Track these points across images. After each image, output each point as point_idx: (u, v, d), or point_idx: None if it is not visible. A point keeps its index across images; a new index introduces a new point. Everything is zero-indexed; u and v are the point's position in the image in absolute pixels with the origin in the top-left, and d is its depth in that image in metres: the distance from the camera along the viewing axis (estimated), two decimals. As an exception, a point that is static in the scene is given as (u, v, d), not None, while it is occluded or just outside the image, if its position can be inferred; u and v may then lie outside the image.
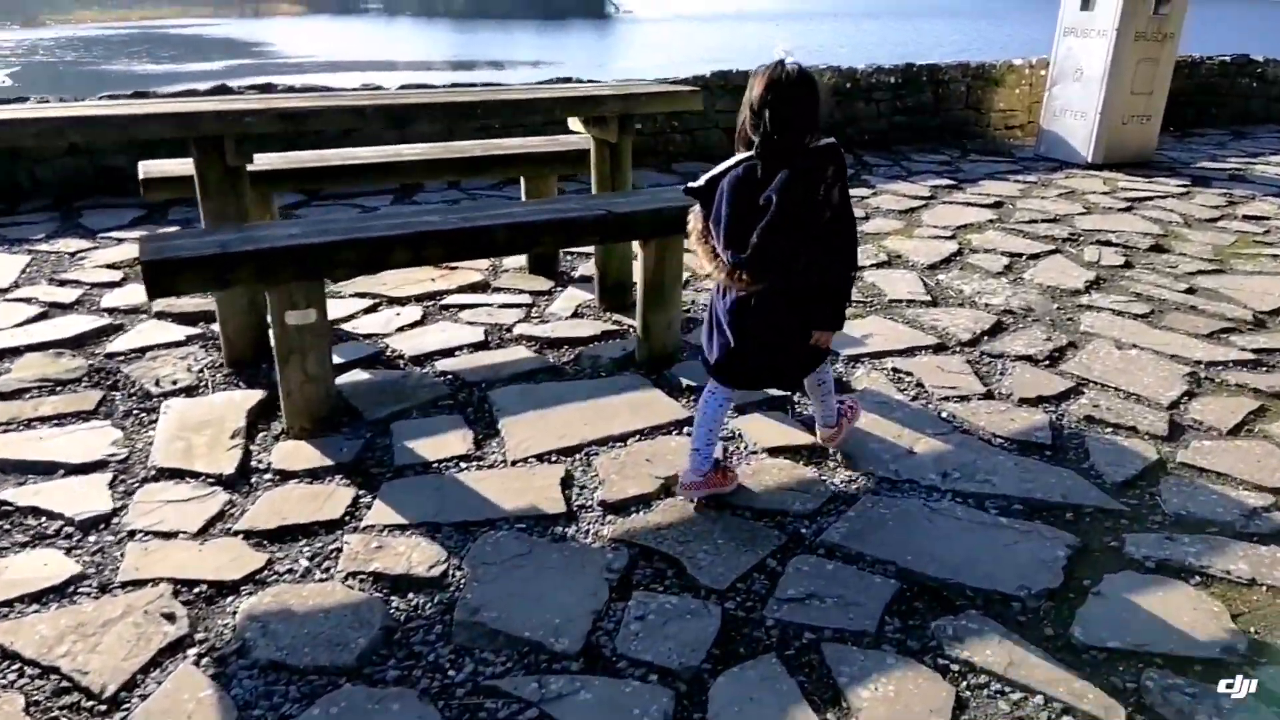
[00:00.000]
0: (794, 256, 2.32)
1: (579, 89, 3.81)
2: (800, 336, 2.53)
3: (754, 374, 2.63)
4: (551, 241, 3.22)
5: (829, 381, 2.88)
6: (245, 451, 2.92)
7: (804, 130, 2.29)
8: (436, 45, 50.05)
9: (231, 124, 3.08)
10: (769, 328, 2.47)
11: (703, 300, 4.32)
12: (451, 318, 4.08)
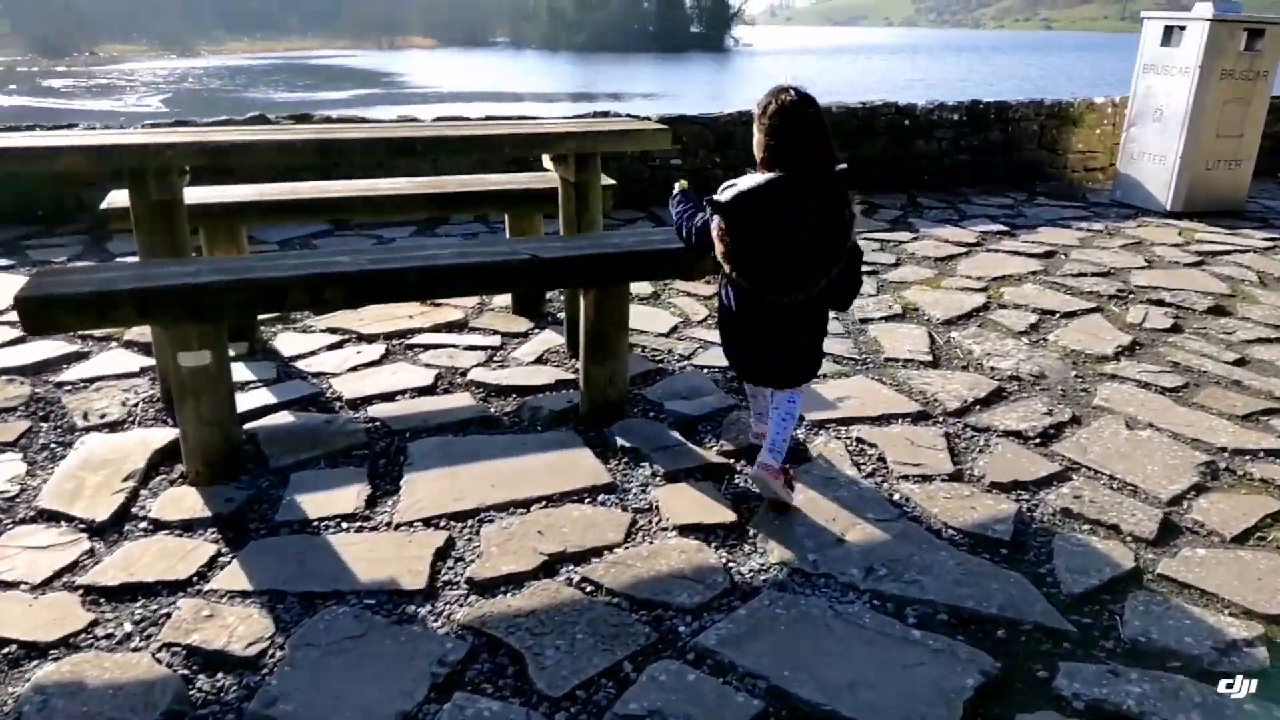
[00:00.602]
0: (826, 274, 2.50)
1: (535, 125, 3.61)
2: (810, 342, 2.72)
3: (767, 375, 2.76)
4: (469, 288, 3.01)
5: (796, 410, 2.83)
6: (131, 496, 2.81)
7: (831, 151, 2.47)
8: (558, 78, 51.24)
9: (152, 157, 3.01)
10: (780, 333, 2.64)
11: (681, 349, 4.04)
12: (411, 358, 3.92)
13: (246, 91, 40.86)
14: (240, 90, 41.50)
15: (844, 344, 4.15)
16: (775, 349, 2.67)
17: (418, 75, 51.52)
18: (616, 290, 3.19)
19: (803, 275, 2.48)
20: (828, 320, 2.76)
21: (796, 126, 2.44)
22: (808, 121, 2.45)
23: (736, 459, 3.09)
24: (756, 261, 2.48)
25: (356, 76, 49.56)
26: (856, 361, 3.95)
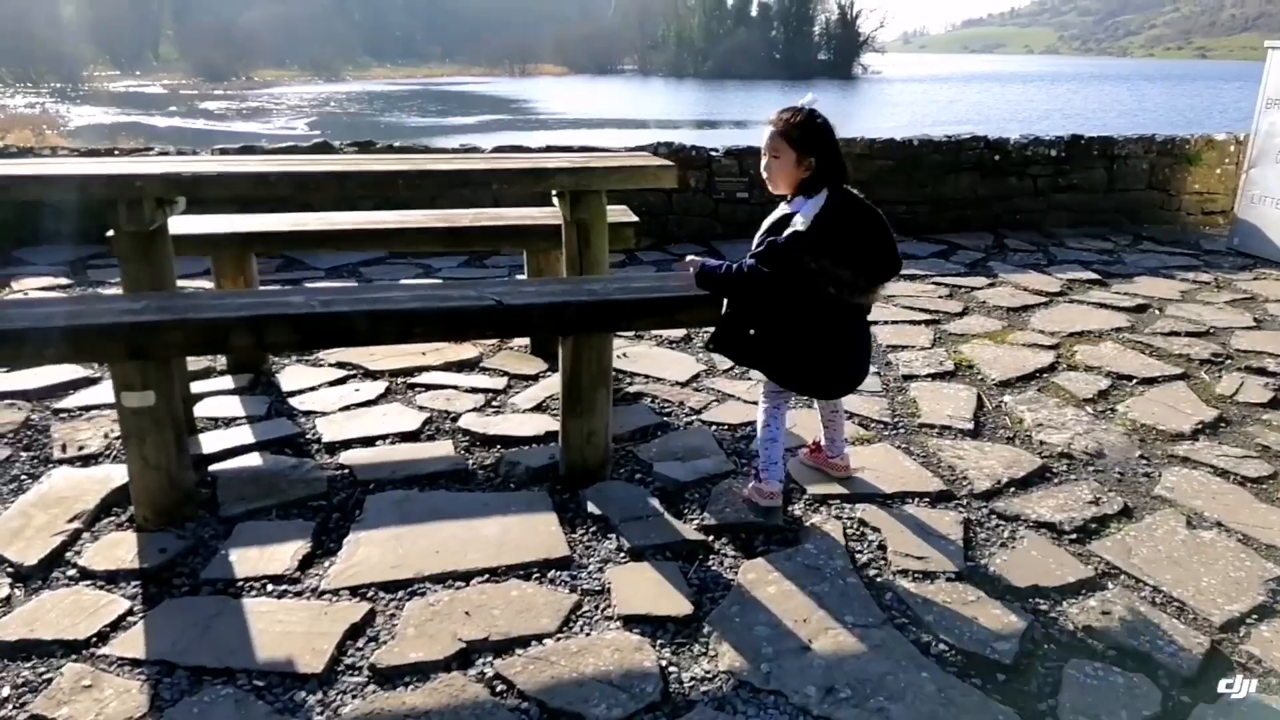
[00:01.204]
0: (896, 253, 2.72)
1: (525, 160, 3.38)
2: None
3: (850, 379, 2.83)
4: (424, 336, 2.79)
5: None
6: (71, 539, 2.70)
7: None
8: (682, 104, 51.51)
9: (122, 188, 2.93)
10: (863, 333, 2.80)
11: (694, 401, 3.72)
12: (408, 399, 3.74)
13: (382, 116, 42.59)
14: (377, 114, 43.29)
15: (877, 404, 3.74)
16: (861, 349, 2.79)
17: (544, 101, 52.72)
18: (594, 340, 2.92)
19: (888, 261, 2.67)
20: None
21: (833, 140, 2.61)
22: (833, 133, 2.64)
23: (716, 536, 2.75)
24: (852, 266, 2.59)
25: (486, 102, 51.07)
26: (885, 426, 3.54)
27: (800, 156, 2.59)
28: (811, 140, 2.58)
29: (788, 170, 2.61)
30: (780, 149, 2.61)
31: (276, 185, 3.03)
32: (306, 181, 3.04)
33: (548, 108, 48.88)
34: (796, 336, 2.70)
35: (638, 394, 3.83)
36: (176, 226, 3.75)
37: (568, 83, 73.37)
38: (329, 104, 48.20)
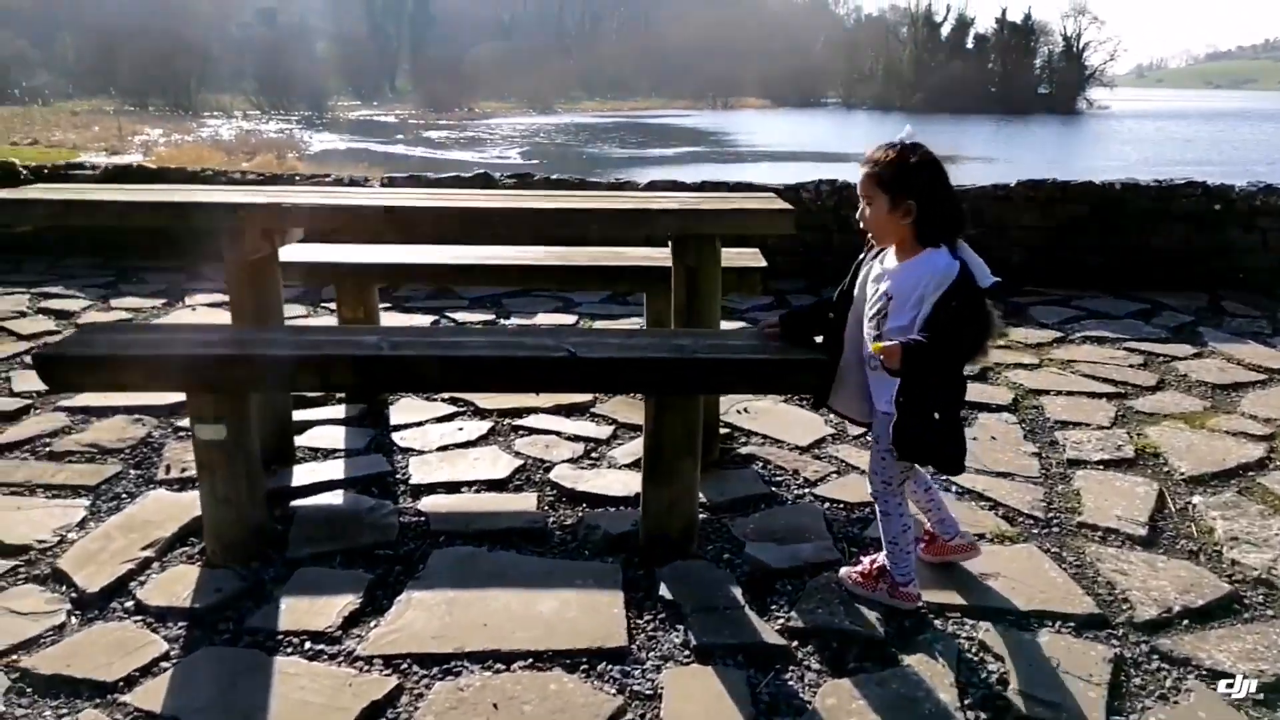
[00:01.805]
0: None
1: (629, 200, 3.11)
2: None
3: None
4: (493, 385, 2.59)
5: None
6: (139, 568, 2.68)
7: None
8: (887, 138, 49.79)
9: (223, 217, 2.92)
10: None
11: (812, 470, 3.32)
12: (507, 443, 3.57)
13: (586, 146, 44.00)
14: (581, 145, 44.79)
15: (1030, 493, 3.19)
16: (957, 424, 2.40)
17: (743, 134, 52.76)
18: (678, 402, 2.61)
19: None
20: None
21: (939, 180, 2.23)
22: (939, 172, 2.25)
23: (800, 642, 2.36)
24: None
25: (686, 135, 51.68)
26: (1035, 523, 2.99)
27: (895, 201, 2.19)
28: (907, 180, 2.19)
29: (881, 217, 2.23)
30: (873, 194, 2.23)
31: (370, 219, 2.94)
32: (400, 216, 2.93)
33: (746, 140, 48.82)
34: (957, 406, 2.35)
35: (748, 457, 3.47)
36: (303, 254, 3.78)
37: (768, 115, 73.16)
38: (538, 135, 50.33)
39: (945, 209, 2.19)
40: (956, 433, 2.31)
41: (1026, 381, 4.33)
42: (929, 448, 2.30)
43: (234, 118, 53.54)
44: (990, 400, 4.06)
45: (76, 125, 38.40)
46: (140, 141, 32.80)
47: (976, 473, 3.34)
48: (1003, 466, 3.40)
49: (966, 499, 3.16)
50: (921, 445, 2.28)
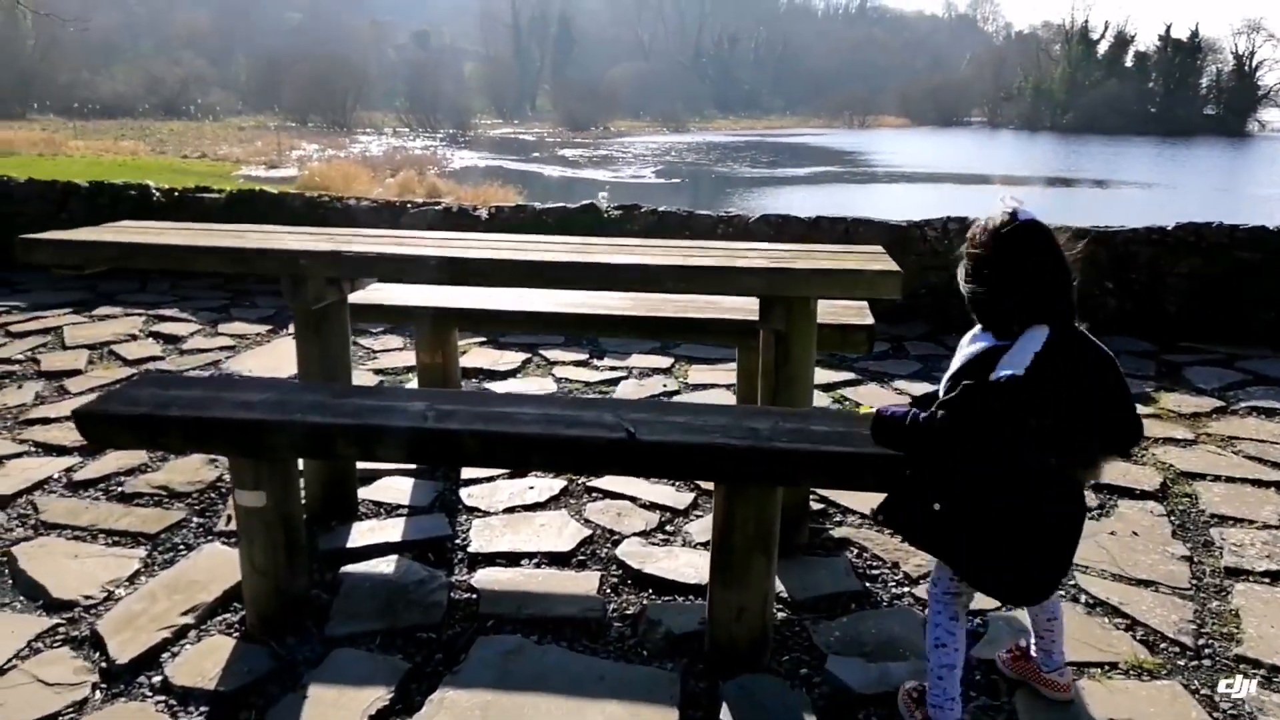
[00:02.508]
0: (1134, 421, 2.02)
1: (710, 256, 2.78)
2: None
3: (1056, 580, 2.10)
4: (542, 463, 2.34)
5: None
6: (175, 636, 2.54)
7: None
8: (1034, 159, 47.82)
9: (286, 264, 2.79)
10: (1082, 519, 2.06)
11: (913, 564, 2.91)
12: (577, 508, 3.31)
13: (716, 165, 43.83)
14: (712, 164, 44.64)
15: (1177, 611, 2.69)
16: (1074, 538, 2.03)
17: (880, 153, 51.44)
18: (750, 494, 2.28)
19: (1128, 424, 1.98)
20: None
21: (1049, 257, 1.92)
22: (1055, 254, 1.93)
23: (878, 795, 1.99)
24: (1083, 429, 1.92)
25: (818, 154, 50.78)
26: (1183, 651, 2.50)
27: (998, 280, 1.94)
28: (1011, 258, 1.92)
29: (983, 298, 1.98)
30: (975, 270, 1.98)
31: (429, 269, 2.75)
32: (461, 266, 2.73)
33: (882, 160, 47.51)
34: (998, 517, 1.97)
35: (842, 542, 3.09)
36: (383, 295, 3.65)
37: (907, 135, 71.19)
38: (670, 153, 50.45)
39: (1056, 289, 1.91)
40: (976, 537, 1.98)
41: (1178, 461, 3.76)
42: (923, 534, 2.10)
43: (384, 134, 56.05)
44: (1134, 484, 3.53)
45: (242, 140, 41.03)
46: (296, 156, 34.67)
47: (1113, 578, 2.86)
48: (1144, 572, 2.90)
49: (1098, 612, 2.69)
50: (909, 527, 2.14)
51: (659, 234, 6.20)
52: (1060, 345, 1.87)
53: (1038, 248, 1.91)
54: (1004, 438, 1.90)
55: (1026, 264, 1.90)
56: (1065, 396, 1.87)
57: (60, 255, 2.90)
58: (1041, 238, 1.92)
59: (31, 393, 4.40)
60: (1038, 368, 1.84)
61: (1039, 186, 34.91)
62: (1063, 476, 1.96)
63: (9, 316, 5.63)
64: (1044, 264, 1.91)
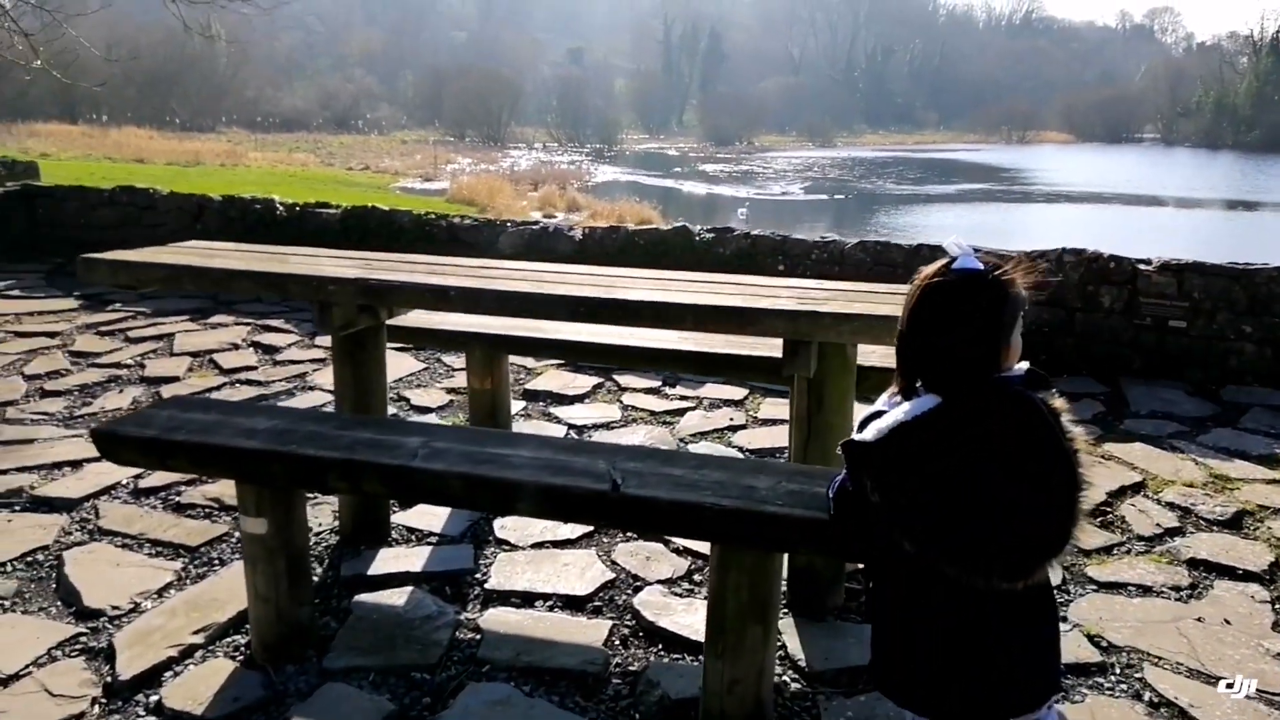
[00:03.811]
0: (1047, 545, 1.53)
1: (735, 295, 2.59)
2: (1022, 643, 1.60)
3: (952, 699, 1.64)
4: (528, 510, 2.23)
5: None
6: (180, 656, 2.58)
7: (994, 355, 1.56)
8: (1214, 180, 44.37)
9: (315, 290, 2.80)
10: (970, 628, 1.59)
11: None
12: (608, 547, 3.19)
13: (860, 182, 42.84)
14: (855, 180, 43.66)
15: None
16: (961, 654, 1.58)
17: (1039, 170, 48.99)
18: (744, 559, 2.10)
19: (1010, 547, 1.50)
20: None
21: (954, 319, 1.56)
22: (975, 312, 1.55)
23: None
24: (956, 522, 1.51)
25: (970, 171, 48.79)
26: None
27: (911, 334, 1.60)
28: (926, 313, 1.58)
29: (898, 350, 1.64)
30: (904, 319, 1.63)
31: (455, 300, 2.70)
32: (478, 297, 2.67)
33: (1042, 178, 45.16)
34: (880, 609, 1.72)
35: (867, 604, 2.84)
36: (433, 320, 3.65)
37: (1071, 151, 67.43)
38: (812, 169, 49.69)
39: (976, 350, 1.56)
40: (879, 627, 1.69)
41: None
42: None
43: (534, 149, 57.74)
44: (1237, 562, 3.10)
45: (403, 154, 43.13)
46: (450, 170, 36.17)
47: (1188, 674, 2.50)
48: (1228, 669, 2.52)
49: (1161, 714, 2.35)
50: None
51: (751, 259, 6.01)
52: (945, 418, 1.54)
53: (960, 305, 1.56)
54: (855, 512, 1.64)
55: (933, 321, 1.58)
56: (939, 474, 1.52)
57: (114, 275, 3.03)
58: (973, 293, 1.56)
59: (130, 397, 4.66)
60: (891, 438, 1.55)
61: (1217, 209, 32.32)
62: (963, 583, 1.53)
63: (132, 322, 6.01)
64: (950, 322, 1.57)
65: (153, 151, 28.64)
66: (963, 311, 1.55)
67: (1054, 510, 1.51)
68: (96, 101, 37.13)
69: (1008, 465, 1.51)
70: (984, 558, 1.50)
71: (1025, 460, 1.51)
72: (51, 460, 3.83)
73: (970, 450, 1.52)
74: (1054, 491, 1.51)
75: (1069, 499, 1.52)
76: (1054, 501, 1.51)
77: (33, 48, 9.59)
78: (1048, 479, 1.51)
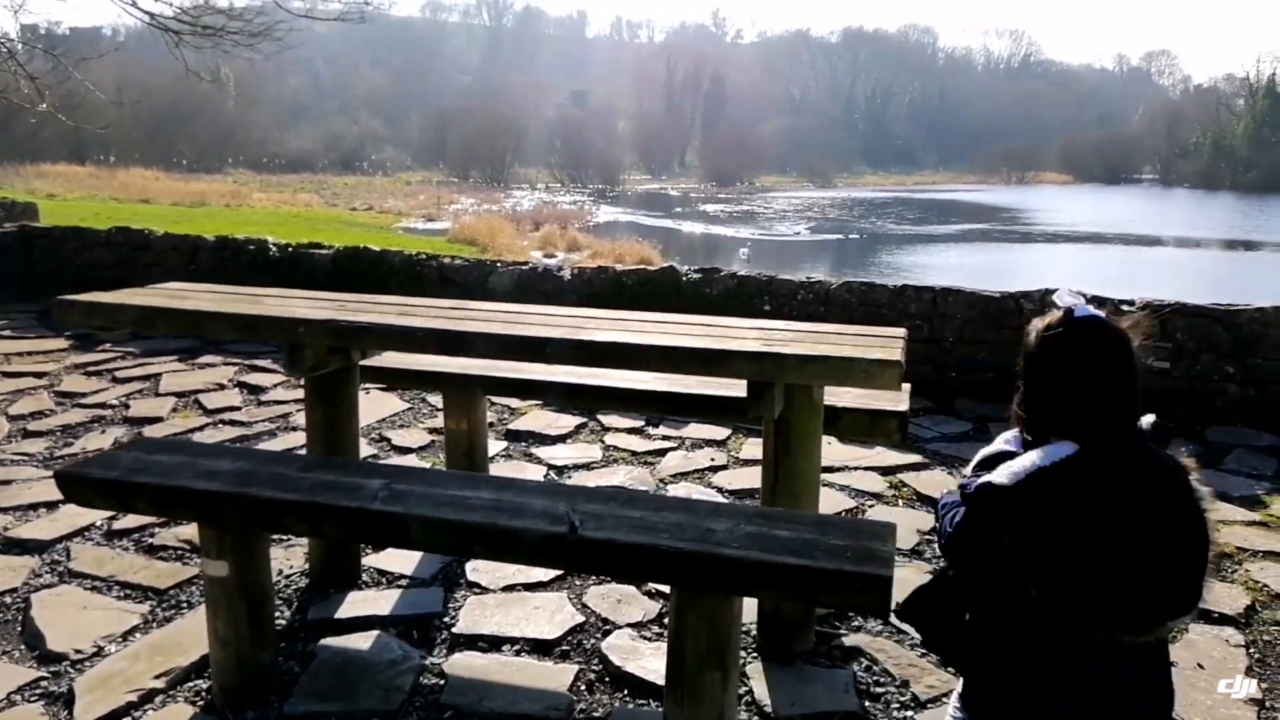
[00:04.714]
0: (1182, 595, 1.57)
1: (700, 337, 2.59)
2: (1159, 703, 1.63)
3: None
4: (484, 553, 2.22)
5: None
6: (138, 702, 2.54)
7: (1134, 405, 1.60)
8: (1213, 221, 44.66)
9: (285, 333, 2.82)
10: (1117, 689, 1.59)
11: (903, 673, 2.61)
12: (580, 589, 3.17)
13: (859, 221, 43.14)
14: (855, 220, 43.99)
15: (1230, 769, 2.27)
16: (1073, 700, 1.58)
17: (1037, 211, 49.32)
18: (704, 602, 2.09)
19: (1144, 596, 1.53)
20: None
21: (1089, 363, 1.59)
22: (1109, 360, 1.59)
23: None
24: (1099, 573, 1.52)
25: (970, 211, 49.12)
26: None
27: (1036, 383, 1.65)
28: (1051, 361, 1.62)
29: (1025, 399, 1.69)
30: (1023, 369, 1.70)
31: (423, 341, 2.71)
32: (450, 341, 2.68)
33: (1043, 218, 45.48)
34: (1007, 657, 1.64)
35: (851, 651, 2.81)
36: (410, 360, 3.66)
37: (1069, 192, 67.80)
38: (812, 209, 50.02)
39: (1093, 400, 1.60)
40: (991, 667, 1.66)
41: (1275, 581, 3.25)
42: (942, 639, 1.76)
43: (537, 189, 58.24)
44: (1213, 605, 3.06)
45: (406, 194, 43.51)
46: (453, 210, 36.47)
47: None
48: (1199, 715, 2.49)
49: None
50: (930, 632, 1.76)
51: (738, 299, 6.04)
52: (1083, 468, 1.55)
53: (1086, 351, 1.60)
54: (977, 558, 1.62)
55: (1066, 369, 1.62)
56: (1079, 526, 1.53)
57: (89, 317, 3.05)
58: (1096, 340, 1.60)
59: (112, 438, 4.66)
60: (1031, 484, 1.54)
61: (1215, 249, 32.47)
62: (1083, 632, 1.57)
63: (120, 362, 6.03)
64: (1086, 370, 1.60)
65: (159, 192, 28.95)
66: (1102, 354, 1.58)
67: (1187, 569, 1.53)
68: (105, 143, 37.68)
69: (1144, 520, 1.52)
70: (1113, 611, 1.53)
71: (1162, 517, 1.53)
72: (28, 501, 3.83)
73: (1108, 503, 1.53)
74: (1188, 550, 1.53)
75: (1200, 559, 1.54)
76: (1187, 560, 1.53)
77: (39, 90, 9.72)
78: (1184, 538, 1.53)
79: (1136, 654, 1.56)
